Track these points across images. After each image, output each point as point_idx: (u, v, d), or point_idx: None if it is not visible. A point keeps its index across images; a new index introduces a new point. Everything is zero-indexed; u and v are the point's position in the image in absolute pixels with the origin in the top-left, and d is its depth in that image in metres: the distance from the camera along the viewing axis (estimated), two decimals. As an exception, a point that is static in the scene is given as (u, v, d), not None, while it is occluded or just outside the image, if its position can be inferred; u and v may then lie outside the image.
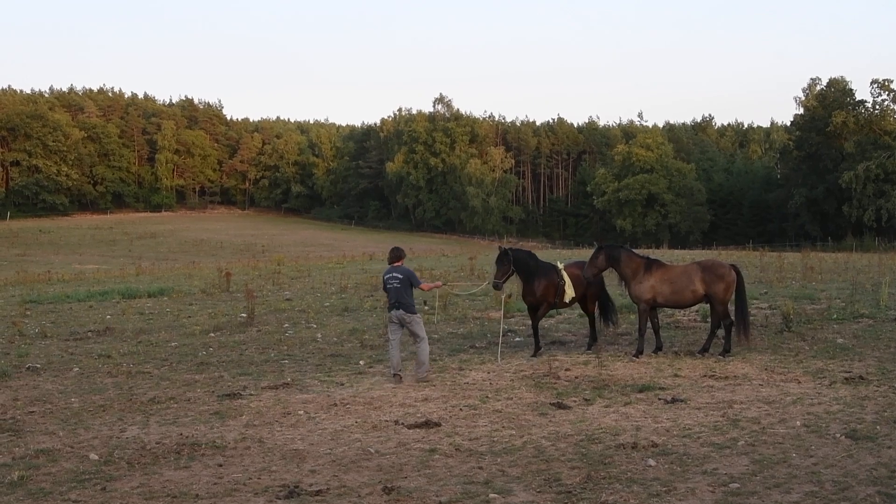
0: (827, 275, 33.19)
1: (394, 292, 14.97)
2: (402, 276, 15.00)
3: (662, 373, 14.71)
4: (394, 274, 15.06)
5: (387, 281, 15.14)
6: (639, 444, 9.96)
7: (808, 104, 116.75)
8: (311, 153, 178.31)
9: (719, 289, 16.15)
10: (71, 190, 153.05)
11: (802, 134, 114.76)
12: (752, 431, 10.51)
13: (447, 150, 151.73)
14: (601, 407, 12.20)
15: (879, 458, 9.30)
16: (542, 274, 17.44)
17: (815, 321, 19.88)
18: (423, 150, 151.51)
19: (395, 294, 14.95)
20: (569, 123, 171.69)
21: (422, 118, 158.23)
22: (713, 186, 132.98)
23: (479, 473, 9.08)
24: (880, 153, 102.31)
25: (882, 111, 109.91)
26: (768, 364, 15.21)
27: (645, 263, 16.77)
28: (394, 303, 15.00)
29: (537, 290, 17.30)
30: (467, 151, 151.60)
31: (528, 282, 17.39)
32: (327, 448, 10.26)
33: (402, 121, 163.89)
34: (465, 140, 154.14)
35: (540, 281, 17.33)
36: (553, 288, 17.31)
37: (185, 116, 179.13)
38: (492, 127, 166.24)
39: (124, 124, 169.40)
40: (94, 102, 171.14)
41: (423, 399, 12.97)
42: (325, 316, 24.11)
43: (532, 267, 17.44)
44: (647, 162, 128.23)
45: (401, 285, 14.94)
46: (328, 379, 14.78)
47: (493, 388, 13.75)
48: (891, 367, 14.53)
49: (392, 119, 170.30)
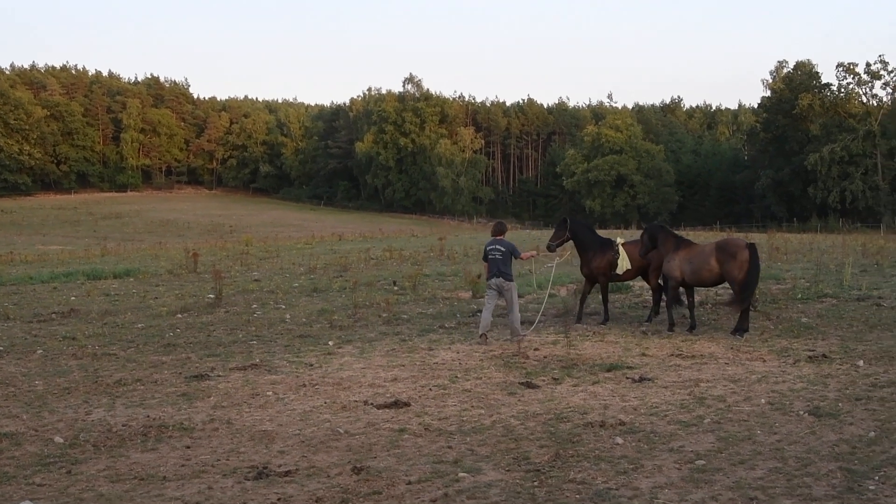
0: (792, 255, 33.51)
1: (496, 263, 16.50)
2: (505, 248, 16.56)
3: (630, 352, 14.84)
4: (496, 246, 16.61)
5: (489, 252, 16.67)
6: (607, 423, 10.05)
7: (776, 87, 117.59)
8: (280, 133, 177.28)
9: (732, 267, 16.21)
10: (34, 169, 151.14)
11: (769, 116, 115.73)
12: (717, 409, 10.63)
13: (417, 130, 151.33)
14: (570, 386, 12.29)
15: (841, 434, 9.45)
16: (597, 248, 18.61)
17: (780, 301, 20.10)
18: (392, 130, 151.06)
19: (497, 264, 16.49)
20: (539, 104, 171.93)
21: (391, 98, 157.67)
22: (681, 168, 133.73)
23: (449, 453, 9.12)
24: (845, 136, 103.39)
25: (847, 94, 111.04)
26: (734, 343, 15.40)
27: (675, 242, 17.39)
28: (494, 272, 16.49)
29: (591, 263, 18.52)
30: (437, 132, 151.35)
31: (583, 254, 18.71)
32: (296, 429, 10.26)
33: (371, 100, 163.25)
34: (434, 120, 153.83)
35: (594, 254, 18.53)
36: (607, 262, 18.44)
37: (150, 95, 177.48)
38: (462, 107, 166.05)
39: (88, 102, 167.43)
40: (57, 80, 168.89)
41: (392, 379, 13.00)
42: (294, 296, 24.06)
43: (587, 240, 18.68)
44: (616, 143, 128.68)
45: (503, 256, 16.50)
46: (297, 360, 14.76)
47: (463, 367, 13.80)
48: (853, 346, 14.78)
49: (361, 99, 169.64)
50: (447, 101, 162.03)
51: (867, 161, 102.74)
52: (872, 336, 15.77)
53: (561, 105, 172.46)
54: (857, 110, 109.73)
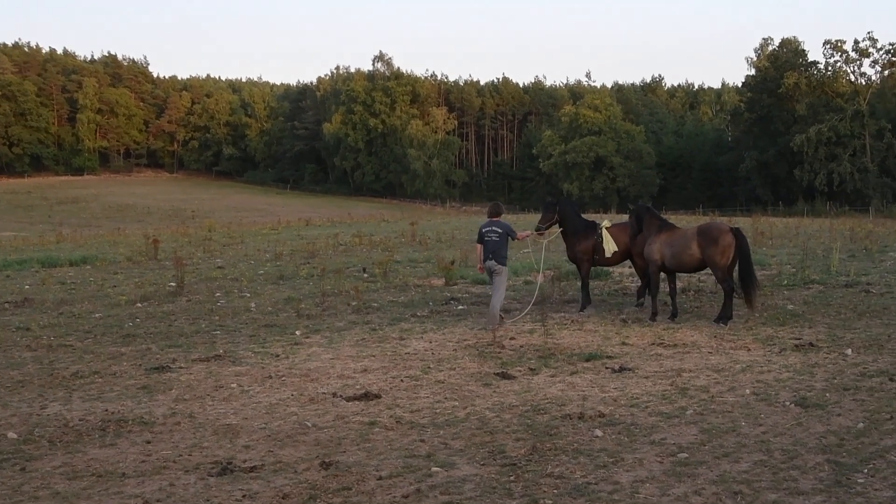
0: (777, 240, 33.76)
1: (492, 245, 16.63)
2: (502, 230, 16.76)
3: (610, 341, 14.87)
4: (493, 228, 16.80)
5: (485, 234, 16.81)
6: (585, 415, 10.07)
7: (760, 65, 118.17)
8: (244, 113, 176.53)
9: (713, 253, 16.19)
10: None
11: (754, 95, 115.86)
12: (700, 400, 10.68)
13: (387, 110, 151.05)
14: (547, 377, 12.31)
15: (829, 425, 9.51)
16: (581, 231, 18.76)
17: (766, 287, 20.20)
18: (361, 110, 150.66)
19: (493, 246, 16.60)
20: (514, 83, 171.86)
21: (360, 77, 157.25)
22: (663, 149, 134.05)
23: (421, 447, 9.11)
24: (832, 116, 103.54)
25: (834, 73, 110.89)
26: (717, 331, 15.46)
27: (658, 225, 17.46)
28: (489, 254, 16.59)
29: (575, 247, 18.71)
30: (408, 112, 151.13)
31: (568, 238, 18.86)
32: (262, 422, 10.22)
33: (339, 79, 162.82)
34: (405, 100, 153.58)
35: (578, 239, 18.69)
36: (591, 245, 18.60)
37: (108, 74, 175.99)
38: (434, 86, 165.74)
39: (42, 82, 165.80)
40: (9, 58, 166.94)
41: (362, 370, 12.97)
42: (260, 284, 23.97)
43: (574, 224, 18.84)
44: (594, 124, 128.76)
45: (499, 238, 16.68)
46: (262, 350, 14.71)
47: (436, 358, 13.79)
48: (841, 334, 14.86)
49: (329, 78, 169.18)
50: (419, 80, 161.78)
51: (855, 142, 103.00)
52: (861, 324, 15.85)
53: (537, 84, 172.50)
54: (845, 89, 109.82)
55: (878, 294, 19.26)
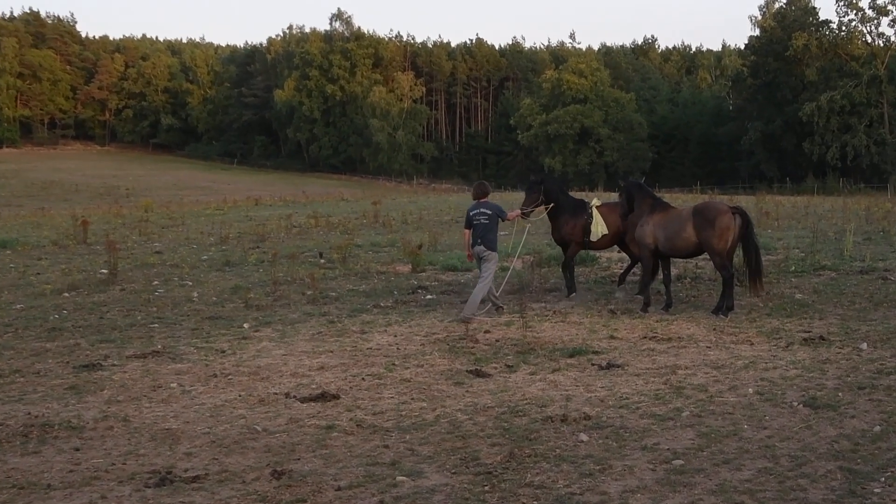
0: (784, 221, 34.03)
1: (481, 229, 16.79)
2: (492, 211, 16.88)
3: (596, 334, 14.91)
4: (482, 210, 16.91)
5: (473, 217, 16.93)
6: (569, 417, 10.07)
7: (766, 25, 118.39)
8: (185, 78, 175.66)
9: (710, 236, 16.10)
10: None
11: (758, 59, 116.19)
12: (698, 400, 10.71)
13: (347, 75, 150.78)
14: (526, 374, 12.32)
15: (841, 429, 9.53)
16: (569, 211, 18.86)
17: (771, 274, 20.32)
18: (317, 75, 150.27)
19: (483, 230, 16.77)
20: (489, 45, 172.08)
21: (316, 38, 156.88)
22: (656, 119, 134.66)
23: (385, 453, 9.09)
24: (846, 82, 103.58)
25: (849, 33, 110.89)
26: (717, 323, 15.52)
27: (651, 204, 17.40)
28: (477, 239, 16.79)
29: (563, 228, 18.86)
30: (370, 77, 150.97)
31: (555, 218, 18.97)
32: (205, 427, 10.17)
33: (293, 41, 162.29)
34: (367, 64, 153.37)
35: (566, 218, 18.81)
36: (580, 227, 18.72)
37: (29, 33, 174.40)
38: (399, 49, 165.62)
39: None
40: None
41: (318, 368, 12.94)
42: (203, 271, 23.94)
43: (561, 202, 18.93)
44: (579, 91, 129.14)
45: (489, 221, 16.82)
46: (206, 345, 14.66)
47: (401, 353, 13.78)
48: (855, 327, 14.93)
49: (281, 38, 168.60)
50: (382, 41, 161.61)
51: (872, 111, 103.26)
52: (877, 315, 15.94)
53: (515, 46, 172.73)
54: (861, 52, 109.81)
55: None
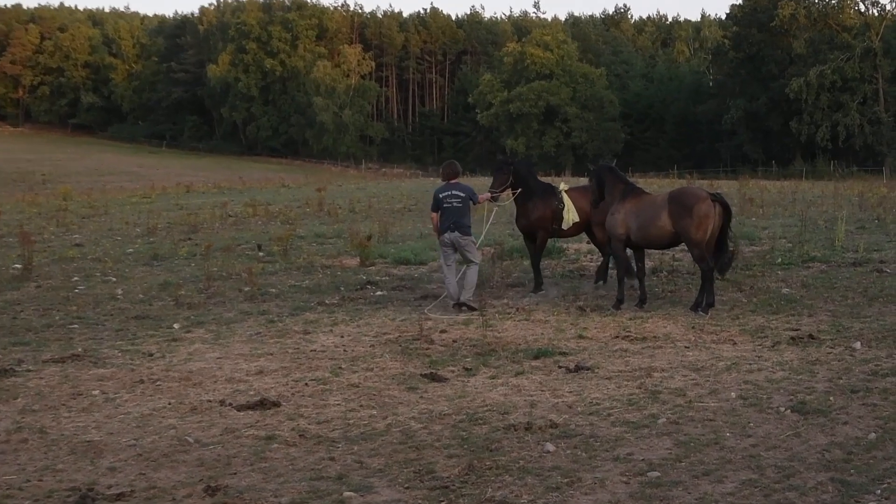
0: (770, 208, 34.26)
1: (453, 213, 17.16)
2: (465, 193, 17.29)
3: (564, 334, 14.96)
4: (454, 192, 17.29)
5: (444, 200, 17.28)
6: (534, 425, 10.11)
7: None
8: (108, 52, 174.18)
9: (687, 225, 16.05)
10: None
11: (741, 30, 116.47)
12: (675, 406, 10.77)
13: (287, 48, 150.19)
14: (486, 378, 12.35)
15: (833, 436, 9.58)
16: (539, 196, 18.88)
17: (755, 266, 20.49)
18: (255, 48, 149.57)
19: (455, 215, 17.14)
20: (445, 16, 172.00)
21: (254, 7, 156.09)
22: (628, 97, 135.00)
23: (331, 466, 9.10)
24: (837, 55, 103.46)
25: (840, 2, 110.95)
26: (696, 321, 15.60)
27: (623, 190, 17.34)
28: (450, 224, 17.11)
29: (531, 214, 18.81)
30: (314, 51, 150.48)
31: (523, 203, 18.92)
32: (131, 438, 10.13)
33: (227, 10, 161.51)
34: (310, 36, 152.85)
35: (535, 203, 18.78)
36: (550, 213, 18.74)
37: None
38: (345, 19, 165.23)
39: None
40: None
41: (256, 372, 12.92)
42: (128, 266, 23.83)
43: (531, 185, 18.96)
44: (544, 65, 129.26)
45: (462, 205, 17.21)
46: (132, 348, 14.57)
47: (349, 356, 13.78)
48: (847, 324, 15.05)
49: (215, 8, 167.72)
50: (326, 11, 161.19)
51: (866, 87, 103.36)
52: (872, 311, 16.07)
53: (474, 17, 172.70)
54: (853, 22, 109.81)
55: (893, 274, 19.61)
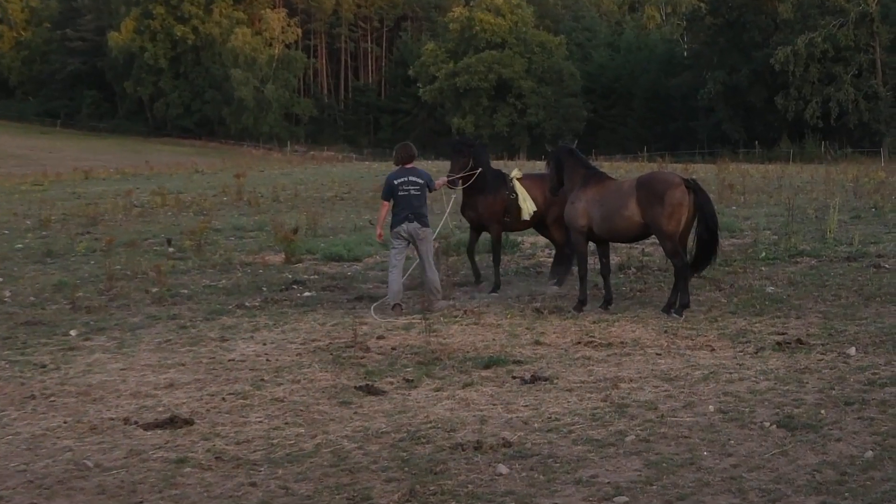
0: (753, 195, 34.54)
1: (411, 201, 17.37)
2: (423, 179, 17.56)
3: (519, 339, 14.96)
4: (410, 178, 17.51)
5: (399, 186, 17.44)
6: (485, 444, 10.07)
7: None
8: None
9: (658, 214, 15.98)
10: None
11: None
12: (645, 421, 10.77)
13: (201, 13, 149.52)
14: (430, 391, 12.33)
15: (825, 455, 9.55)
16: (490, 184, 19.02)
17: (736, 262, 20.61)
18: (164, 13, 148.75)
19: (413, 204, 17.38)
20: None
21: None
22: (592, 69, 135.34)
23: (252, 493, 9.03)
24: (829, 20, 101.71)
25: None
26: (668, 325, 15.64)
27: (584, 175, 17.27)
28: (407, 214, 17.33)
29: (479, 205, 18.95)
30: (231, 16, 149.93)
31: (471, 191, 19.11)
32: (21, 462, 10.03)
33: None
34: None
35: (486, 195, 18.92)
36: (502, 204, 18.84)
37: None
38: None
39: None
40: None
41: (166, 385, 12.82)
42: (17, 264, 23.77)
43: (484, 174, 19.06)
44: (496, 33, 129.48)
45: (421, 192, 17.48)
46: (22, 359, 14.47)
47: (272, 366, 13.71)
48: (841, 327, 15.07)
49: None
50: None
51: (861, 57, 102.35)
52: (868, 312, 16.12)
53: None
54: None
55: (892, 270, 19.76)
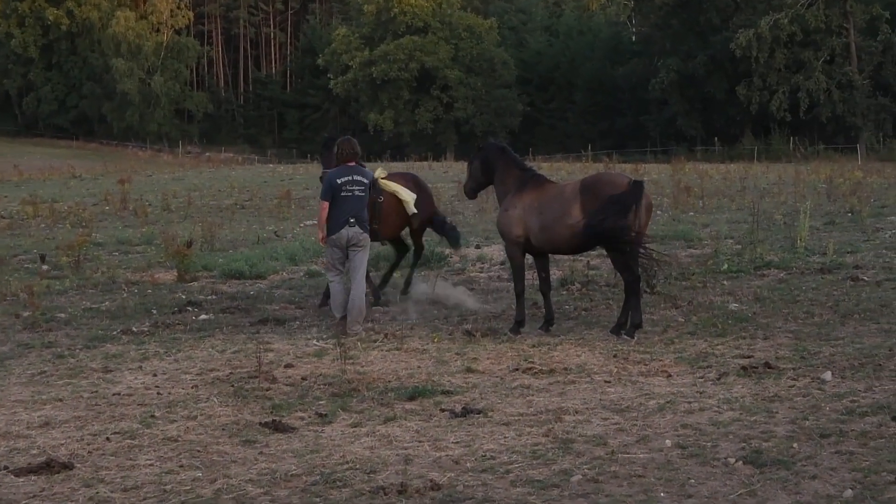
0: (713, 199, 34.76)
1: (354, 203, 17.42)
2: (368, 180, 17.75)
3: (447, 367, 14.94)
4: (355, 177, 17.54)
5: (343, 186, 17.41)
6: (410, 487, 10.05)
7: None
8: None
9: None
10: None
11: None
12: (593, 459, 10.74)
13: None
14: (347, 427, 12.28)
15: (798, 494, 9.51)
16: None
17: (695, 276, 20.74)
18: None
19: (356, 206, 17.48)
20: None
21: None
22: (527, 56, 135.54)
23: (142, 547, 9.01)
24: (795, 1, 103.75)
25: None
26: (618, 348, 15.66)
27: (520, 178, 17.20)
28: (348, 218, 17.39)
29: None
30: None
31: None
32: None
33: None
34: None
35: None
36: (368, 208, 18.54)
37: None
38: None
39: None
40: None
41: (41, 424, 12.71)
42: None
43: None
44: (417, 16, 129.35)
45: (365, 193, 17.63)
46: None
47: (164, 401, 13.62)
48: (814, 348, 15.10)
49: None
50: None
51: (833, 41, 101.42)
52: (846, 331, 16.20)
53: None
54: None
55: (871, 283, 19.92)
